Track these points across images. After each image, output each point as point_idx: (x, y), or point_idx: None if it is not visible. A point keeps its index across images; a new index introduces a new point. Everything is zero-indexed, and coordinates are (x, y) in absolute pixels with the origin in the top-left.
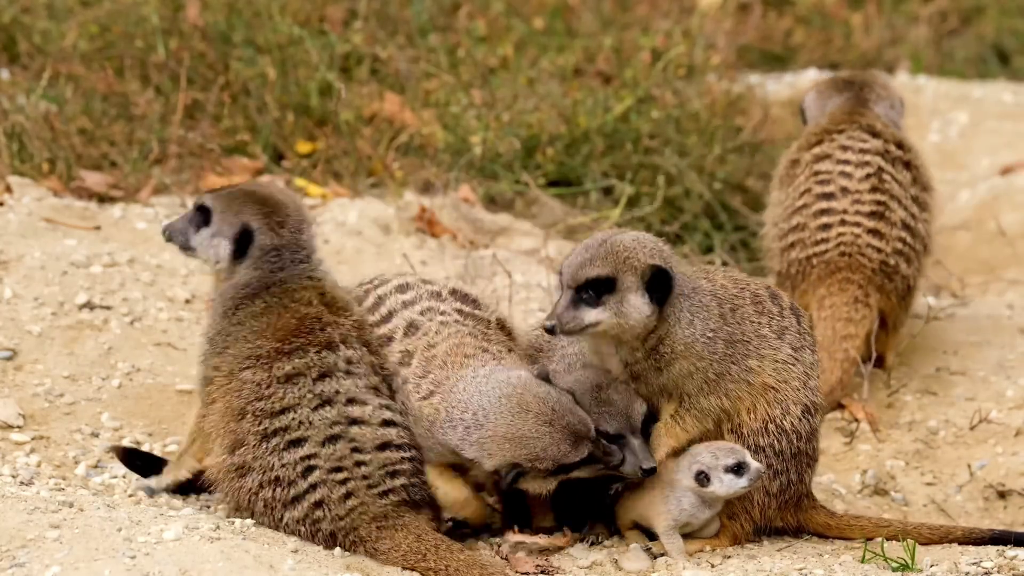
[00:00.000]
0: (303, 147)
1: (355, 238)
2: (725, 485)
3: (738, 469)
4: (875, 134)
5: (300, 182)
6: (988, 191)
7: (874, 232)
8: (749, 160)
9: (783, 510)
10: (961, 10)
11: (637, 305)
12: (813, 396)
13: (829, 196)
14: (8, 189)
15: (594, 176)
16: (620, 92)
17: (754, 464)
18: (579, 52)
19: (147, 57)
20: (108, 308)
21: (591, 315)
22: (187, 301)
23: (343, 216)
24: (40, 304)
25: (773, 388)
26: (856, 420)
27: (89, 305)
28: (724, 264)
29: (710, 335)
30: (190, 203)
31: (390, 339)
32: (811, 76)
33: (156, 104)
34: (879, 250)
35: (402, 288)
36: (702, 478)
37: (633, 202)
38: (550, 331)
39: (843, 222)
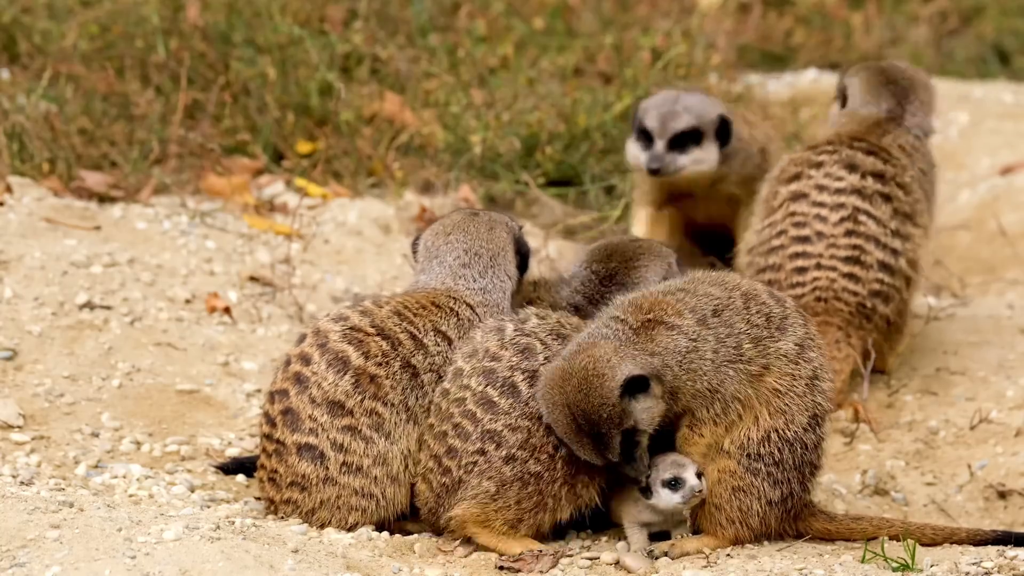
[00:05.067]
0: (303, 147)
1: (355, 238)
2: (663, 499)
3: (674, 484)
4: (853, 167)
5: (300, 182)
6: (988, 191)
7: (850, 276)
8: None
9: (784, 520)
10: (961, 10)
11: None
12: (822, 401)
13: (805, 239)
14: (8, 189)
15: (594, 175)
16: (620, 92)
17: (691, 481)
18: (579, 52)
19: (147, 57)
20: (108, 308)
21: None
22: (187, 301)
23: (343, 216)
24: (40, 304)
25: (778, 392)
26: (858, 420)
27: (89, 305)
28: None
29: (682, 358)
30: (190, 203)
31: None
32: (811, 76)
33: (156, 104)
34: (855, 293)
35: None
36: (645, 490)
37: None
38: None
39: (819, 266)
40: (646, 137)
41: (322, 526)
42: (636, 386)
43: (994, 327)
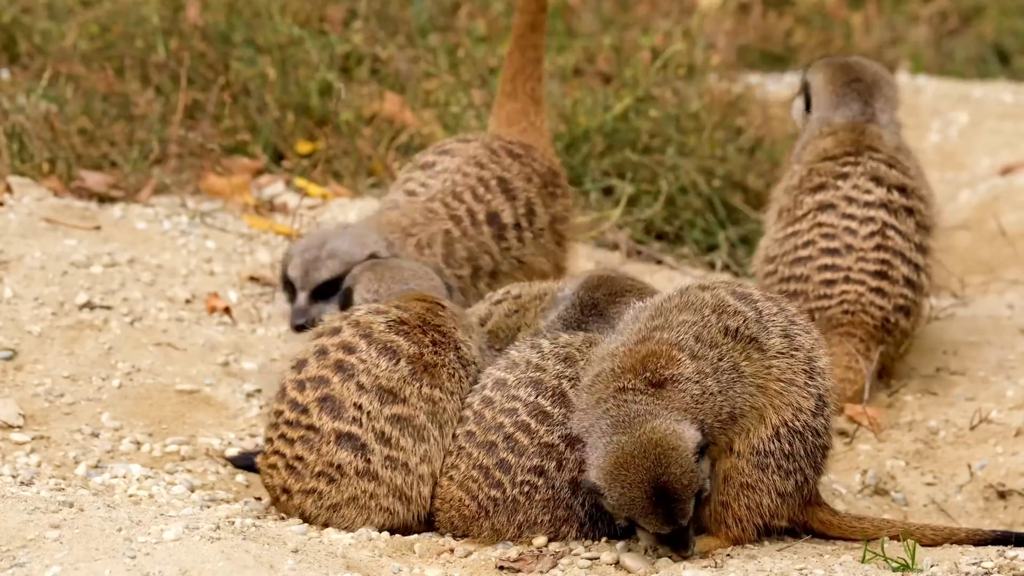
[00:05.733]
0: (303, 147)
1: None
2: None
3: None
4: (879, 181)
5: (300, 182)
6: (988, 191)
7: (877, 291)
8: (748, 158)
9: (799, 507)
10: (961, 10)
11: None
12: (823, 381)
13: (834, 252)
14: (8, 189)
15: (594, 176)
16: (620, 92)
17: None
18: (579, 52)
19: (147, 57)
20: (108, 308)
21: None
22: (187, 301)
23: (343, 216)
24: (40, 304)
25: (781, 392)
26: (857, 423)
27: (89, 305)
28: (726, 267)
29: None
30: (190, 203)
31: None
32: None
33: (156, 104)
34: (881, 308)
35: None
36: None
37: (633, 202)
38: None
39: (847, 279)
40: (291, 288)
41: (348, 526)
42: (702, 449)
43: (994, 327)
